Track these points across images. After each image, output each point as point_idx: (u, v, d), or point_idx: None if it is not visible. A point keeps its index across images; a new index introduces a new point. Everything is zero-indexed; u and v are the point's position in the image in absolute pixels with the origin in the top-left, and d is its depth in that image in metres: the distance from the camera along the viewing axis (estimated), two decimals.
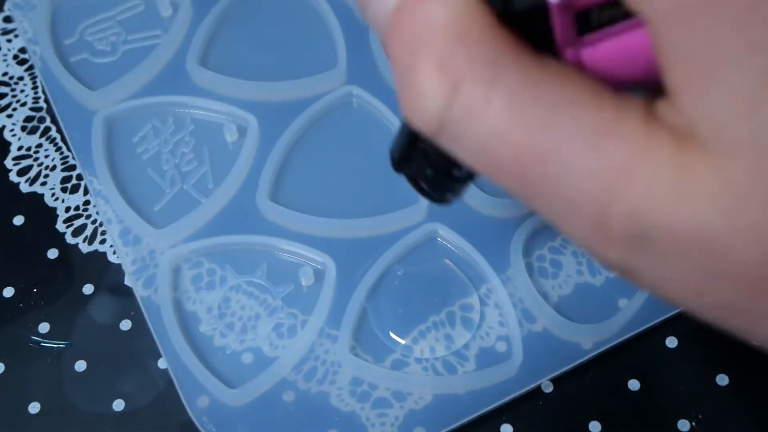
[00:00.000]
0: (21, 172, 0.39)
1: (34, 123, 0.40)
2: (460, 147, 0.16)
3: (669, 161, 0.14)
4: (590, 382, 0.34)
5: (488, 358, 0.33)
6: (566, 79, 0.15)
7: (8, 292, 0.36)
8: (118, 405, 0.33)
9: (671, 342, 0.34)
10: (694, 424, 0.33)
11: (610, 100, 0.15)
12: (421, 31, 0.15)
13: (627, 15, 0.15)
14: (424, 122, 0.16)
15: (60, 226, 0.37)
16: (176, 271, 0.35)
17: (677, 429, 0.33)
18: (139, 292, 0.35)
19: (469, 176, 0.24)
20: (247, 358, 0.33)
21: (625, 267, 0.16)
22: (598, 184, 0.15)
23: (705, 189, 0.14)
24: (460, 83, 0.15)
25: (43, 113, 0.40)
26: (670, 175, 0.14)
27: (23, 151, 0.39)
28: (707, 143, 0.14)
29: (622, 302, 0.34)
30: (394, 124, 0.38)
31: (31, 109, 0.40)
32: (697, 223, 0.14)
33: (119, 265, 0.36)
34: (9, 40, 0.41)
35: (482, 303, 0.34)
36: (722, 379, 0.34)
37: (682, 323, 0.35)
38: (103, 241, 0.37)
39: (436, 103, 0.15)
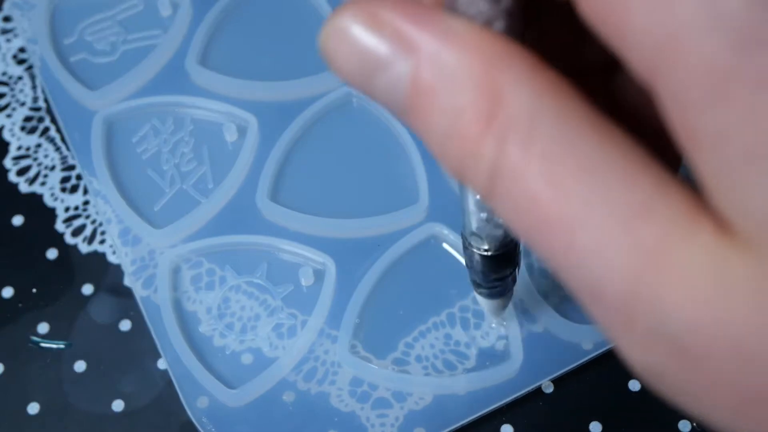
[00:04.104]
0: (20, 172, 0.39)
1: (34, 123, 0.40)
2: (504, 207, 0.14)
3: (707, 250, 0.13)
4: (591, 382, 0.34)
5: (488, 358, 0.33)
6: (607, 143, 0.14)
7: (8, 292, 0.36)
8: (118, 405, 0.33)
9: None
10: (694, 424, 0.33)
11: (653, 175, 0.13)
12: (453, 93, 0.14)
13: None
14: (478, 184, 0.15)
15: (59, 226, 0.37)
16: (176, 271, 0.35)
17: (678, 429, 0.33)
18: (139, 292, 0.35)
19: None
20: (247, 358, 0.33)
21: (650, 369, 0.14)
22: (625, 265, 0.13)
23: (744, 289, 0.12)
24: (503, 140, 0.14)
25: (43, 113, 0.40)
26: (708, 266, 0.12)
27: (22, 151, 0.39)
28: (746, 239, 0.12)
29: None
30: (394, 124, 0.38)
31: (31, 108, 0.40)
32: (733, 328, 0.12)
33: (119, 265, 0.36)
34: (8, 40, 0.41)
35: None
36: None
37: None
38: (102, 241, 0.37)
39: (486, 162, 0.14)
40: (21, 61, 0.41)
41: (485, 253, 0.25)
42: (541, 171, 0.13)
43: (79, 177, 0.38)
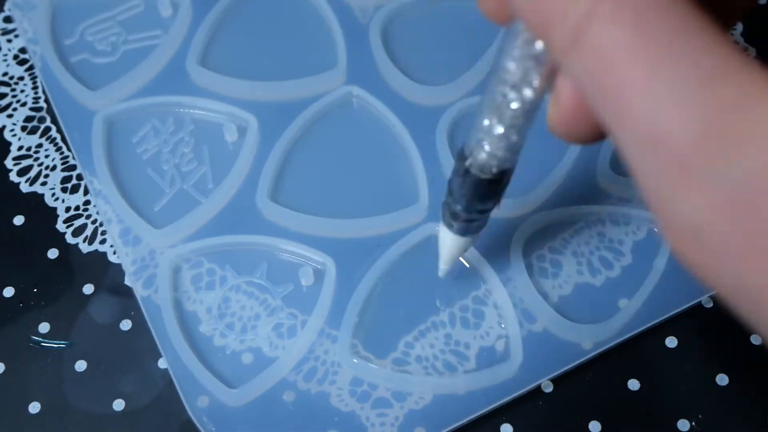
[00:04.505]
0: (21, 172, 0.39)
1: (35, 123, 0.40)
2: (584, 58, 0.15)
3: None
4: (590, 382, 0.34)
5: (488, 358, 0.33)
6: (697, 15, 0.15)
7: (8, 292, 0.36)
8: (118, 405, 0.33)
9: (671, 342, 0.34)
10: (694, 424, 0.33)
11: (734, 47, 0.14)
12: None
13: None
14: (563, 35, 0.16)
15: (60, 226, 0.37)
16: (176, 271, 0.35)
17: (677, 429, 0.33)
18: (139, 292, 0.35)
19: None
20: (247, 358, 0.33)
21: (695, 222, 0.14)
22: (699, 116, 0.14)
23: None
24: None
25: (44, 113, 0.40)
26: None
27: (23, 151, 0.39)
28: None
29: (622, 302, 0.34)
30: (394, 124, 0.38)
31: (32, 109, 0.40)
32: None
33: (119, 265, 0.36)
34: (9, 40, 0.41)
35: (482, 303, 0.34)
36: (722, 379, 0.34)
37: (682, 323, 0.35)
38: (103, 241, 0.37)
39: (578, 13, 0.15)
40: (22, 62, 0.41)
41: (482, 176, 0.25)
42: (632, 23, 0.15)
43: (79, 177, 0.38)
